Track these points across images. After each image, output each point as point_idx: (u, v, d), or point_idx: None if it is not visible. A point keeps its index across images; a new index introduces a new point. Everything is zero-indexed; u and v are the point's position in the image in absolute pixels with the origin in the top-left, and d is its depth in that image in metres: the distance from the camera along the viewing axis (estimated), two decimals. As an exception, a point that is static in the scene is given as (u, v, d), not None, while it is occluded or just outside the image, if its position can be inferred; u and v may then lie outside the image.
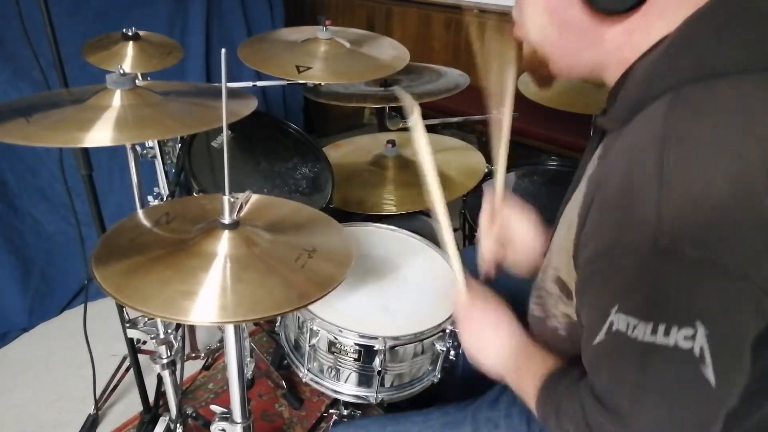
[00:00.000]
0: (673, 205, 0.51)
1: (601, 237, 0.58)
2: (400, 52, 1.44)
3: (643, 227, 0.52)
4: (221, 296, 0.65)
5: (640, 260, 0.52)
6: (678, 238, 0.50)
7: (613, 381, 0.56)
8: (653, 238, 0.51)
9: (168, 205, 0.98)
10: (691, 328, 0.50)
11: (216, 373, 1.78)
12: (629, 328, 0.53)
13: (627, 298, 0.54)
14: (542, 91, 0.77)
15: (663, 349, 0.51)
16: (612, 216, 0.57)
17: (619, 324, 0.54)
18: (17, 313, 1.91)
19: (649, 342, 0.51)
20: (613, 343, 0.55)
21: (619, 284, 0.55)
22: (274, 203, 0.87)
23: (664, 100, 0.56)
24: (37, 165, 1.90)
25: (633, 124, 0.59)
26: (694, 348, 0.50)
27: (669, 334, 0.50)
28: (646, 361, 0.52)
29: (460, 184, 1.61)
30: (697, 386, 0.51)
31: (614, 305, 0.54)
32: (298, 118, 3.04)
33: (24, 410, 1.64)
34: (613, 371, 0.57)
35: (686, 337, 0.50)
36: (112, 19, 1.96)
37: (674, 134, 0.53)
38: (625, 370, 0.55)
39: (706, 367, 0.50)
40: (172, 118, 0.84)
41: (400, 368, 1.08)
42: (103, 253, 0.71)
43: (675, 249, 0.50)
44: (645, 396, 0.53)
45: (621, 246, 0.55)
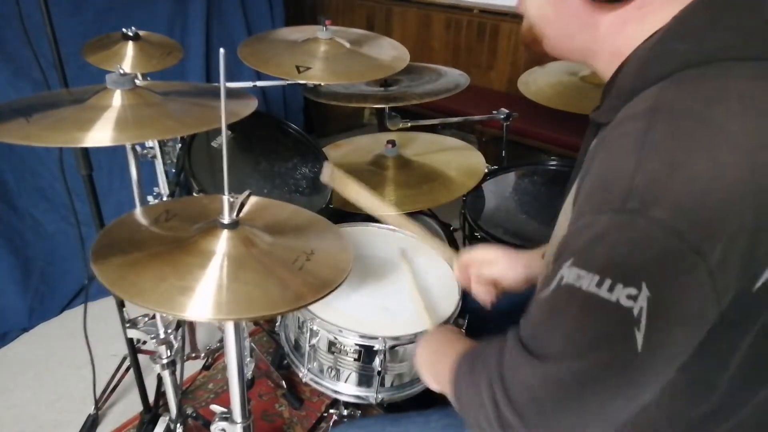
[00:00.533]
0: (650, 170, 0.51)
1: (581, 201, 0.59)
2: (400, 52, 1.44)
3: (616, 188, 0.53)
4: (217, 293, 0.65)
5: (605, 217, 0.53)
6: (647, 201, 0.50)
7: (546, 325, 0.56)
8: (623, 198, 0.51)
9: (167, 203, 0.98)
10: (635, 288, 0.50)
11: (216, 373, 1.78)
12: (577, 279, 0.53)
13: (583, 251, 0.54)
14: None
15: (603, 302, 0.51)
16: (593, 182, 0.58)
17: (569, 277, 0.54)
18: (17, 313, 1.92)
19: (591, 292, 0.51)
20: (558, 293, 0.55)
21: (581, 240, 0.55)
22: (273, 205, 0.88)
23: (659, 84, 0.57)
24: (37, 165, 1.90)
25: (625, 108, 0.60)
26: (634, 308, 0.50)
27: (613, 290, 0.50)
28: (584, 310, 0.52)
29: (460, 184, 1.61)
30: (624, 347, 0.50)
31: (570, 259, 0.54)
32: (298, 118, 3.04)
33: (24, 410, 1.64)
34: (548, 317, 0.56)
35: (629, 296, 0.50)
36: (112, 19, 1.96)
37: (665, 107, 0.54)
38: (561, 316, 0.55)
39: (639, 331, 0.50)
40: (172, 118, 0.84)
41: (400, 368, 1.08)
42: (102, 246, 0.71)
43: (641, 210, 0.50)
44: (572, 343, 0.53)
45: (593, 206, 0.55)
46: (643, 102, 0.57)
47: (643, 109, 0.55)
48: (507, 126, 1.79)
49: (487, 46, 2.91)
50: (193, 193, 1.31)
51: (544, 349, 0.55)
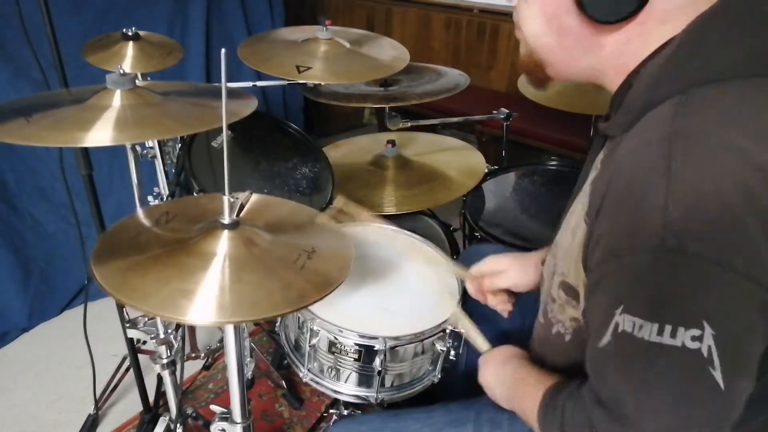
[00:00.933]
0: (681, 203, 0.50)
1: (610, 238, 0.58)
2: (400, 52, 1.44)
3: (649, 225, 0.51)
4: (220, 296, 0.65)
5: (647, 259, 0.52)
6: (685, 236, 0.49)
7: (618, 384, 0.55)
8: (660, 236, 0.50)
9: (168, 204, 0.98)
10: (698, 328, 0.49)
11: (216, 373, 1.78)
12: (635, 329, 0.52)
13: (632, 298, 0.53)
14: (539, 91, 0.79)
15: (670, 349, 0.50)
16: (620, 216, 0.56)
17: (625, 325, 0.53)
18: (17, 313, 1.91)
19: (655, 342, 0.51)
20: (618, 344, 0.54)
21: (625, 284, 0.54)
22: (273, 203, 0.87)
23: (672, 101, 0.56)
24: (37, 165, 1.90)
25: (638, 126, 0.59)
26: (702, 348, 0.49)
27: (676, 335, 0.50)
28: (652, 362, 0.51)
29: (460, 184, 1.61)
30: (706, 388, 0.50)
31: (619, 306, 0.54)
32: (298, 118, 3.04)
33: (24, 410, 1.64)
34: (618, 373, 0.55)
35: (693, 338, 0.49)
36: (112, 19, 1.96)
37: (682, 132, 0.53)
38: (630, 371, 0.54)
39: (715, 369, 0.49)
40: (172, 118, 0.84)
41: (400, 368, 1.08)
42: (103, 251, 0.71)
43: (682, 247, 0.49)
44: (651, 398, 0.52)
45: (628, 245, 0.54)
46: (656, 126, 0.56)
47: (661, 136, 0.54)
48: (507, 126, 1.79)
49: (487, 46, 2.91)
50: (193, 193, 1.31)
51: (626, 412, 0.54)
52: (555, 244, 0.80)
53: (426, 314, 1.08)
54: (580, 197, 0.73)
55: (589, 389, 0.60)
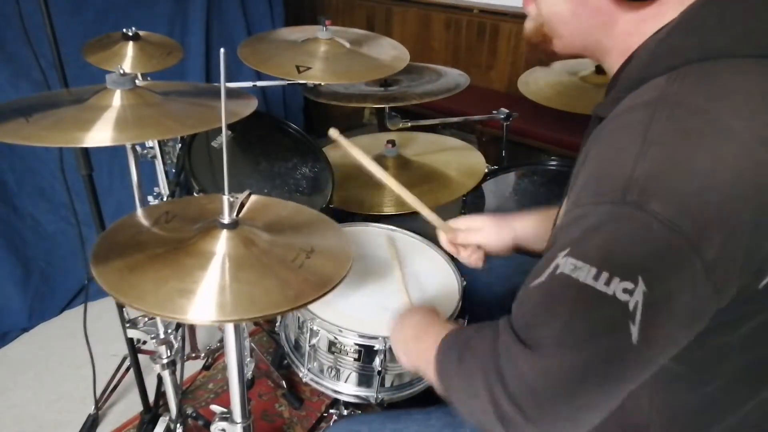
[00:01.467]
0: (651, 163, 0.51)
1: (580, 190, 0.58)
2: (400, 52, 1.44)
3: (616, 179, 0.52)
4: (219, 295, 0.65)
5: (604, 208, 0.53)
6: (646, 194, 0.50)
7: (541, 316, 0.56)
8: (623, 189, 0.51)
9: (168, 204, 0.98)
10: (632, 282, 0.50)
11: (216, 373, 1.78)
12: (574, 270, 0.52)
13: (580, 242, 0.54)
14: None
15: (600, 295, 0.51)
16: (592, 170, 0.57)
17: (565, 266, 0.53)
18: (17, 313, 1.91)
19: (588, 284, 0.51)
20: (552, 283, 0.55)
21: (578, 229, 0.55)
22: (273, 204, 0.87)
23: (664, 76, 0.56)
24: (37, 165, 1.90)
25: (627, 98, 0.59)
26: (630, 302, 0.50)
27: (610, 284, 0.50)
28: (579, 303, 0.52)
29: (460, 184, 1.61)
30: (620, 339, 0.51)
31: (566, 248, 0.54)
32: (298, 118, 3.04)
33: (24, 410, 1.64)
34: (543, 308, 0.56)
35: (625, 290, 0.50)
36: (112, 19, 1.96)
37: (669, 99, 0.54)
38: (556, 307, 0.54)
39: (634, 324, 0.50)
40: (172, 118, 0.84)
41: (400, 368, 1.08)
42: (102, 250, 0.71)
43: (640, 203, 0.50)
44: (564, 335, 0.53)
45: (592, 195, 0.55)
46: (646, 93, 0.56)
47: (646, 101, 0.55)
48: (507, 126, 1.79)
49: (487, 46, 2.91)
50: (193, 193, 1.31)
51: (538, 341, 0.55)
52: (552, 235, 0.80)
53: None
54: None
55: (504, 319, 0.60)
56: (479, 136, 2.59)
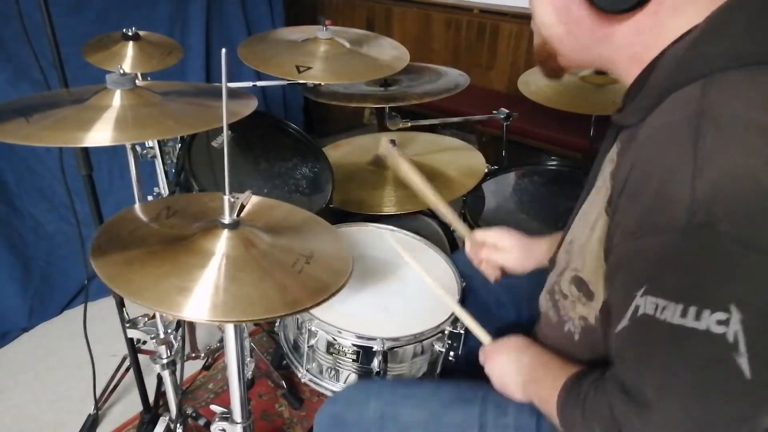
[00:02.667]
0: (710, 181, 0.48)
1: (631, 218, 0.55)
2: (400, 52, 1.44)
3: (676, 204, 0.50)
4: (215, 295, 0.65)
5: (672, 237, 0.50)
6: (714, 214, 0.48)
7: (639, 367, 0.53)
8: (687, 213, 0.48)
9: (169, 199, 0.98)
10: (724, 312, 0.47)
11: (216, 373, 1.78)
12: (657, 310, 0.50)
13: (656, 278, 0.51)
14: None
15: (693, 333, 0.48)
16: (642, 196, 0.54)
17: (646, 307, 0.51)
18: (17, 313, 1.91)
19: (678, 325, 0.48)
20: (638, 327, 0.52)
21: (648, 264, 0.52)
22: (274, 206, 0.87)
23: (697, 84, 0.54)
24: (37, 165, 1.90)
25: (659, 111, 0.58)
26: (728, 334, 0.46)
27: (700, 318, 0.47)
28: (674, 345, 0.49)
29: (460, 184, 1.61)
30: (730, 376, 0.47)
31: (641, 287, 0.51)
32: (298, 118, 3.04)
33: (24, 410, 1.64)
34: (638, 357, 0.53)
35: (719, 322, 0.47)
36: (112, 19, 1.96)
37: (710, 111, 0.51)
38: (651, 354, 0.51)
39: (740, 356, 0.47)
40: (172, 118, 0.84)
41: (399, 369, 1.08)
42: (102, 242, 0.71)
43: (711, 225, 0.47)
44: (672, 384, 0.50)
45: (652, 225, 0.52)
46: (682, 106, 0.55)
47: (687, 115, 0.53)
48: (507, 126, 1.79)
49: (487, 46, 2.91)
50: (193, 192, 1.31)
51: (647, 397, 0.52)
52: (569, 242, 0.80)
53: (425, 315, 1.08)
54: (594, 191, 0.73)
55: (611, 375, 0.59)
56: (479, 136, 2.59)
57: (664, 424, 0.51)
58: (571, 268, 0.76)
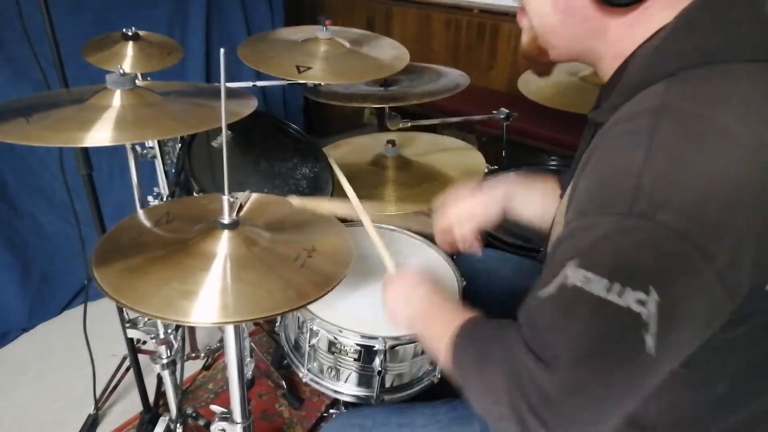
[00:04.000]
0: (658, 172, 0.51)
1: (583, 199, 0.58)
2: (400, 52, 1.44)
3: (622, 189, 0.52)
4: (221, 296, 0.65)
5: (613, 219, 0.52)
6: (654, 204, 0.50)
7: (555, 332, 0.56)
8: (631, 200, 0.51)
9: (168, 205, 0.98)
10: (644, 292, 0.50)
11: (216, 373, 1.78)
12: (585, 282, 0.52)
13: (590, 254, 0.54)
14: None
15: (613, 307, 0.51)
16: (595, 178, 0.57)
17: (575, 278, 0.53)
18: (17, 313, 1.92)
19: (601, 297, 0.51)
20: (563, 296, 0.55)
21: (586, 240, 0.54)
22: (273, 202, 0.87)
23: (664, 81, 0.56)
24: (37, 165, 1.90)
25: (627, 104, 0.59)
26: (643, 313, 0.50)
27: (623, 295, 0.50)
28: (594, 315, 0.52)
29: (460, 184, 1.61)
30: (637, 351, 0.51)
31: (574, 259, 0.54)
32: (298, 118, 3.04)
33: (24, 410, 1.64)
34: (557, 323, 0.56)
35: (638, 301, 0.50)
36: (112, 19, 1.96)
37: (671, 106, 0.54)
38: (570, 322, 0.54)
39: (649, 335, 0.50)
40: (172, 118, 0.84)
41: (400, 368, 1.08)
42: (103, 252, 0.71)
43: (650, 213, 0.50)
44: (584, 349, 0.53)
45: (597, 206, 0.55)
46: (647, 99, 0.56)
47: (649, 108, 0.55)
48: (507, 126, 1.79)
49: (487, 46, 2.91)
50: (193, 193, 1.31)
51: (555, 356, 0.54)
52: (548, 237, 0.80)
53: None
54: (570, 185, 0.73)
55: (518, 336, 0.60)
56: (479, 136, 2.59)
57: (564, 383, 0.53)
58: None
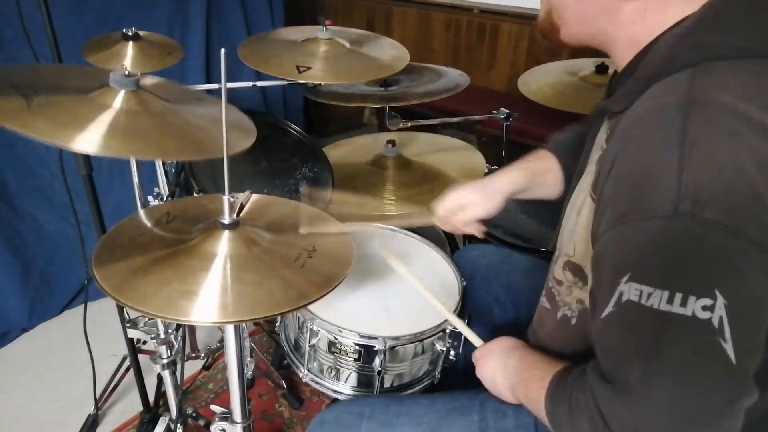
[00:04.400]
0: (697, 169, 0.49)
1: (618, 203, 0.55)
2: (400, 52, 1.44)
3: (662, 190, 0.50)
4: (221, 296, 0.65)
5: (658, 224, 0.50)
6: (700, 202, 0.48)
7: (622, 354, 0.53)
8: (673, 200, 0.49)
9: (169, 205, 0.98)
10: (709, 297, 0.47)
11: (216, 373, 1.78)
12: (642, 297, 0.50)
13: (641, 264, 0.51)
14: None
15: (679, 318, 0.48)
16: (629, 181, 0.54)
17: (631, 293, 0.50)
18: (17, 313, 1.91)
19: (664, 311, 0.48)
20: (623, 313, 0.52)
21: (633, 250, 0.52)
22: (273, 203, 0.87)
23: (686, 71, 0.55)
24: (37, 165, 1.90)
25: (646, 96, 0.58)
26: (713, 319, 0.47)
27: (686, 304, 0.47)
28: (660, 331, 0.49)
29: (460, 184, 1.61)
30: (716, 361, 0.47)
31: (626, 274, 0.51)
32: (298, 118, 3.04)
33: (24, 410, 1.64)
34: (622, 343, 0.53)
35: (704, 307, 0.47)
36: (112, 19, 1.96)
37: (700, 99, 0.52)
38: (636, 341, 0.51)
39: (725, 341, 0.47)
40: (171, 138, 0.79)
41: (400, 368, 1.08)
42: (104, 252, 0.71)
43: (696, 213, 0.48)
44: (657, 371, 0.50)
45: (638, 210, 0.52)
46: (670, 92, 0.55)
47: (675, 102, 0.53)
48: (507, 126, 1.79)
49: (487, 46, 2.91)
50: (193, 193, 1.31)
51: (629, 382, 0.51)
52: (560, 228, 0.80)
53: (426, 314, 1.08)
54: (584, 177, 0.73)
55: (593, 365, 0.58)
56: (479, 136, 2.59)
57: (650, 411, 0.50)
58: (563, 254, 0.76)
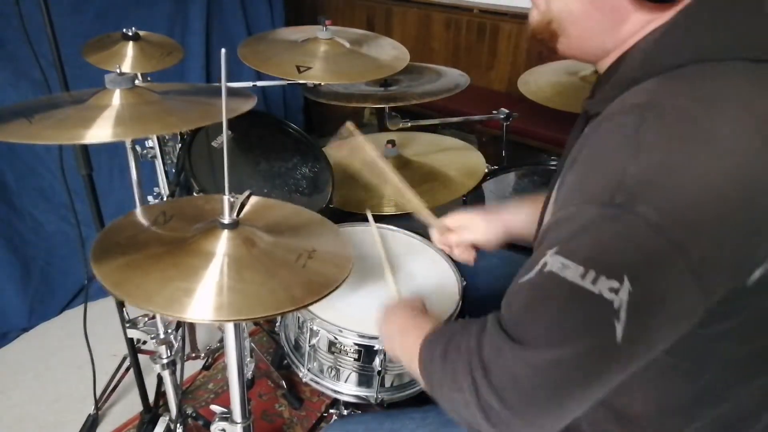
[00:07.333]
0: (641, 167, 0.51)
1: (568, 190, 0.59)
2: (400, 52, 1.44)
3: (605, 182, 0.53)
4: (220, 294, 0.65)
5: (594, 209, 0.53)
6: (635, 197, 0.51)
7: (528, 313, 0.57)
8: (611, 192, 0.52)
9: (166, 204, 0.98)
10: (617, 281, 0.51)
11: (216, 373, 1.78)
12: (562, 269, 0.53)
13: (570, 242, 0.55)
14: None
15: (586, 293, 0.52)
16: (583, 171, 0.58)
17: (553, 265, 0.54)
18: (17, 313, 1.92)
19: (576, 283, 0.52)
20: (541, 281, 0.56)
21: (567, 229, 0.55)
22: (273, 205, 0.87)
23: (658, 77, 0.57)
24: (37, 165, 1.91)
25: (620, 98, 0.60)
26: (615, 301, 0.51)
27: (596, 282, 0.51)
28: (568, 300, 0.53)
29: (460, 184, 1.61)
30: (605, 336, 0.52)
31: (554, 247, 0.55)
32: (298, 118, 3.04)
33: (24, 410, 1.64)
34: (532, 304, 0.57)
35: (611, 289, 0.51)
36: (112, 19, 1.96)
37: (659, 104, 0.54)
38: (545, 304, 0.55)
39: (618, 322, 0.51)
40: (173, 114, 0.83)
41: (400, 368, 1.08)
42: (102, 248, 0.71)
43: (629, 205, 0.51)
44: (555, 331, 0.54)
45: (580, 196, 0.56)
46: (638, 95, 0.57)
47: (637, 104, 0.55)
48: (507, 126, 1.79)
49: (487, 46, 2.91)
50: (193, 193, 1.31)
51: (526, 335, 0.56)
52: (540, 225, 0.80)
53: None
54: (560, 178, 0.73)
55: (491, 316, 0.61)
56: (479, 136, 2.59)
57: (530, 360, 0.55)
58: None
